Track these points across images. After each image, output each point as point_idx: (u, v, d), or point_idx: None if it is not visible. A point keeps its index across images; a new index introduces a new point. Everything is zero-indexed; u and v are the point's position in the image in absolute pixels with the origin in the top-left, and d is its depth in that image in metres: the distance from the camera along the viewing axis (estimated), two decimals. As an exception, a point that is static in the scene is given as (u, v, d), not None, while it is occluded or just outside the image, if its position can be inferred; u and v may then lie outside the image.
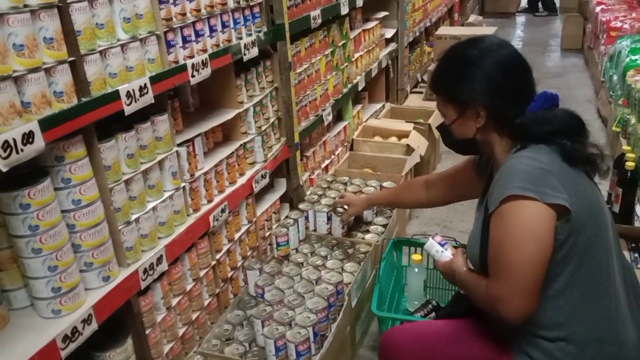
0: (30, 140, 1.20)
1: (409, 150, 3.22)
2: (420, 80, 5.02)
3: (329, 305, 1.96)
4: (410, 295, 2.52)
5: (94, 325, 1.45)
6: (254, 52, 2.13)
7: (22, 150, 1.18)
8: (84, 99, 1.36)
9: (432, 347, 1.57)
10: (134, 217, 1.61)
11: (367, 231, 2.57)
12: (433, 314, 2.35)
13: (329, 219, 2.55)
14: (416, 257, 2.47)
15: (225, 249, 2.11)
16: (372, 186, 2.74)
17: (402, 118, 3.75)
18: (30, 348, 1.29)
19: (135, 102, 1.51)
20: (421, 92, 4.74)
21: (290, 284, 2.05)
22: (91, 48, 1.39)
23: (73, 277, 1.41)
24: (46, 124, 1.24)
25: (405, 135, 3.40)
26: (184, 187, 1.83)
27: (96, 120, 1.41)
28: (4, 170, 1.15)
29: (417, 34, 4.64)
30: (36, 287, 1.37)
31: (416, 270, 2.49)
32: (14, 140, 1.16)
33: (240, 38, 2.05)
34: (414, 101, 4.48)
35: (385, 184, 2.76)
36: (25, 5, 1.20)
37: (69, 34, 1.31)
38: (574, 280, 1.36)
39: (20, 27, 1.18)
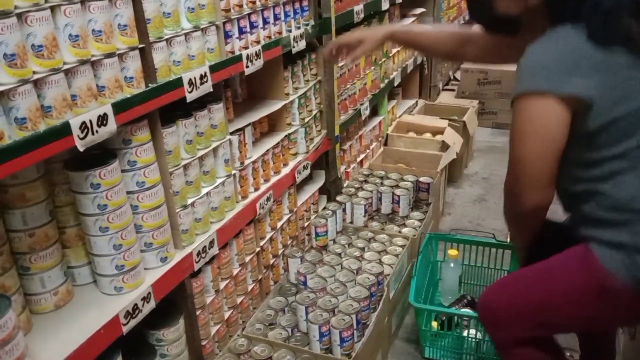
0: (105, 122, 1.26)
1: (444, 146, 3.23)
2: (452, 78, 5.02)
3: (371, 294, 2.00)
4: (445, 290, 2.55)
5: (152, 304, 1.50)
6: (302, 44, 2.17)
7: (97, 131, 1.24)
8: (151, 85, 1.42)
9: (527, 290, 1.49)
10: (190, 201, 1.67)
11: (404, 225, 2.60)
12: (469, 308, 2.38)
13: (366, 211, 2.58)
14: (452, 252, 2.50)
15: (268, 236, 2.15)
16: (408, 181, 2.77)
17: (436, 115, 3.76)
18: (95, 322, 1.35)
19: (197, 89, 1.56)
20: (453, 90, 4.74)
21: (331, 272, 2.10)
22: (159, 36, 1.44)
23: (135, 256, 1.47)
24: (118, 108, 1.30)
25: (439, 131, 3.41)
26: (234, 175, 1.88)
27: (161, 106, 1.47)
28: (81, 150, 1.21)
29: (451, 31, 4.62)
30: (101, 264, 1.43)
31: (452, 265, 2.52)
32: (90, 122, 1.22)
33: (290, 31, 2.09)
34: (447, 98, 4.48)
35: (421, 179, 2.78)
36: (104, -7, 1.25)
37: (140, 21, 1.36)
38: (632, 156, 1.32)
39: (99, 14, 1.23)
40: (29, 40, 1.09)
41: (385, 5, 2.98)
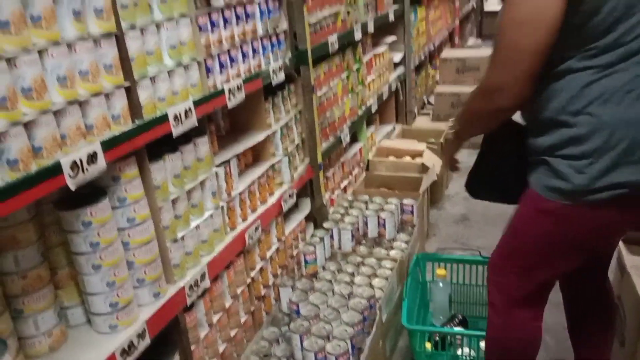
0: (94, 160, 1.28)
1: (424, 169, 3.29)
2: (426, 102, 5.14)
3: (364, 318, 2.01)
4: (436, 310, 2.56)
5: (147, 340, 1.49)
6: (281, 76, 2.22)
7: (87, 170, 1.25)
8: (137, 122, 1.44)
9: (507, 239, 1.61)
10: (180, 235, 1.67)
11: (391, 247, 2.63)
12: (460, 326, 2.40)
13: (353, 236, 2.61)
14: (441, 271, 2.53)
15: (258, 267, 2.16)
16: (392, 203, 2.81)
17: (414, 138, 3.84)
18: (91, 362, 1.33)
19: (182, 124, 1.59)
20: (428, 114, 4.85)
21: (323, 299, 2.10)
22: (143, 74, 1.47)
23: (128, 293, 1.47)
24: (107, 145, 1.32)
25: (418, 154, 3.48)
26: (222, 207, 1.90)
27: (148, 142, 1.49)
28: (73, 189, 1.22)
29: (422, 57, 4.77)
30: (95, 303, 1.42)
31: (441, 284, 2.54)
32: (80, 160, 1.24)
33: (269, 64, 2.15)
34: (423, 122, 4.59)
35: (405, 201, 2.82)
36: (89, 34, 1.28)
37: (125, 60, 1.40)
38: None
39: (85, 55, 1.26)
40: (18, 83, 1.11)
41: (358, 36, 3.07)
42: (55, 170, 1.18)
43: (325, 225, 2.63)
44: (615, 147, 1.27)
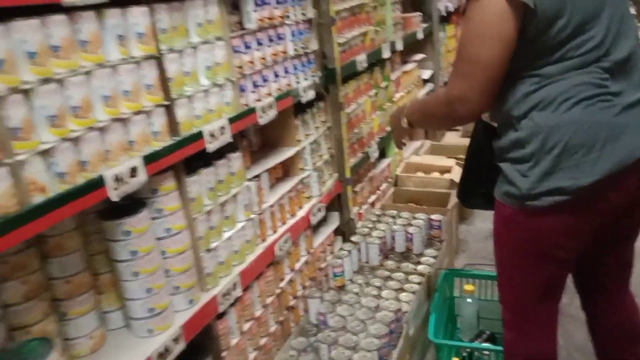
0: (135, 174, 1.37)
1: (452, 184, 3.31)
2: (456, 118, 5.14)
3: (390, 331, 2.04)
4: (464, 326, 2.56)
5: (182, 345, 1.57)
6: (311, 94, 2.30)
7: (128, 182, 1.35)
8: (175, 138, 1.54)
9: (496, 252, 1.63)
10: (213, 245, 1.75)
11: (419, 262, 2.65)
12: (488, 343, 2.40)
13: (381, 250, 2.64)
14: (469, 287, 2.54)
15: (287, 278, 2.22)
16: (420, 219, 2.84)
17: (442, 154, 3.87)
18: (129, 365, 1.42)
19: (217, 140, 1.68)
20: (458, 129, 4.86)
21: (351, 311, 2.14)
22: (180, 93, 1.57)
23: (165, 299, 1.55)
24: (147, 160, 1.41)
25: (447, 170, 3.51)
26: (254, 219, 1.98)
27: (185, 157, 1.58)
28: (115, 200, 1.32)
29: (452, 74, 4.80)
30: (134, 308, 1.51)
31: (469, 300, 2.55)
32: (123, 174, 1.33)
33: (299, 82, 2.23)
34: (452, 138, 4.60)
35: (433, 217, 2.85)
36: (131, 57, 1.39)
37: (164, 81, 1.50)
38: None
39: (128, 76, 1.37)
40: (67, 102, 1.22)
41: (386, 54, 3.14)
42: (99, 182, 1.27)
43: (353, 239, 2.68)
44: (551, 151, 1.33)
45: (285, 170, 2.36)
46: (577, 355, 2.22)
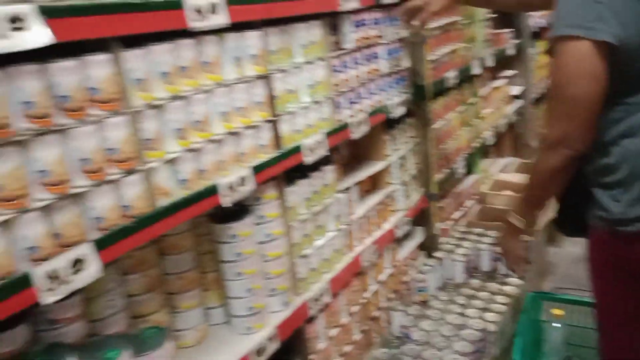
0: (244, 183, 1.50)
1: (541, 204, 3.23)
2: (545, 136, 4.99)
3: (475, 350, 2.04)
4: (550, 351, 2.49)
5: (276, 345, 1.67)
6: (401, 110, 2.37)
7: (238, 190, 1.48)
8: (279, 151, 1.66)
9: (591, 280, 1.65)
10: (306, 252, 1.86)
11: (505, 283, 2.62)
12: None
13: (466, 268, 2.64)
14: (557, 311, 2.47)
15: (371, 289, 2.28)
16: (507, 237, 2.79)
17: (531, 173, 3.77)
18: (230, 359, 1.53)
19: (314, 154, 1.79)
20: (547, 148, 4.71)
21: (435, 326, 2.17)
22: (285, 110, 1.69)
23: (263, 300, 1.66)
24: (255, 170, 1.54)
25: (536, 189, 3.42)
26: (343, 229, 2.06)
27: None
28: (228, 205, 1.45)
29: (543, 91, 4.68)
30: (235, 306, 1.63)
31: (556, 325, 2.48)
32: (234, 182, 1.46)
33: (390, 99, 2.30)
34: (541, 157, 4.47)
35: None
36: (245, 76, 1.53)
37: (271, 98, 1.62)
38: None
39: (242, 94, 1.50)
40: (191, 117, 1.36)
41: (476, 70, 3.14)
42: (214, 190, 1.41)
43: (437, 254, 2.69)
44: None
45: (373, 183, 2.43)
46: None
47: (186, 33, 1.32)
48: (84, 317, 1.30)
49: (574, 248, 3.57)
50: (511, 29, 3.90)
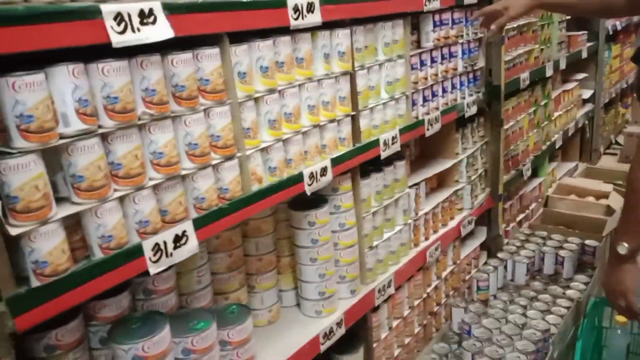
0: (325, 173, 1.57)
1: (609, 211, 3.16)
2: (614, 142, 4.84)
3: (537, 350, 2.05)
4: (610, 358, 2.46)
5: (343, 329, 1.75)
6: (474, 110, 2.38)
7: (319, 180, 1.55)
8: (357, 145, 1.72)
9: None
10: (375, 243, 1.92)
11: (568, 287, 2.59)
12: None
13: (528, 270, 2.63)
14: (620, 318, 2.42)
15: (434, 284, 2.32)
16: (573, 243, 2.77)
17: (598, 178, 3.68)
18: (300, 339, 1.62)
19: (389, 149, 1.84)
20: (615, 154, 4.56)
21: (496, 325, 2.19)
22: (365, 105, 1.75)
23: (333, 286, 1.74)
24: (335, 162, 1.61)
25: (604, 196, 3.34)
26: (410, 224, 2.11)
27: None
28: (309, 193, 1.52)
29: (613, 95, 4.53)
30: (307, 289, 1.72)
31: (619, 332, 2.44)
32: (316, 172, 1.54)
33: (464, 98, 2.32)
34: (608, 162, 4.33)
35: (587, 242, 2.77)
36: (332, 72, 1.59)
37: (354, 94, 1.69)
38: None
39: (328, 89, 1.57)
40: (283, 109, 1.44)
41: (549, 72, 3.10)
42: (299, 178, 1.49)
43: (500, 255, 2.69)
44: None
45: (440, 180, 2.46)
46: None
47: (282, 30, 1.40)
48: (176, 290, 1.41)
49: (640, 259, 3.46)
50: (586, 31, 3.80)
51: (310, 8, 1.39)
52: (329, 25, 1.55)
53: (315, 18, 1.43)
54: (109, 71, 1.04)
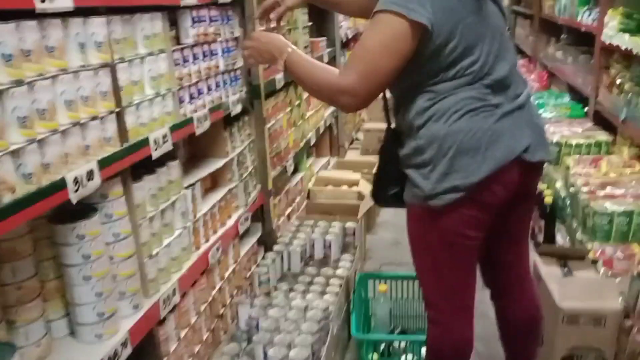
0: (91, 177, 1.40)
1: (360, 196, 3.57)
2: (354, 138, 5.50)
3: (320, 328, 2.18)
4: (378, 324, 2.78)
5: (129, 349, 1.59)
6: (238, 108, 2.42)
7: (86, 185, 1.38)
8: (125, 144, 1.58)
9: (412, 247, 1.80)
10: (155, 251, 1.79)
11: (337, 267, 2.83)
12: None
13: (302, 258, 2.79)
14: (382, 287, 2.77)
15: (218, 286, 2.29)
16: (336, 227, 3.03)
17: (348, 169, 4.13)
18: (81, 370, 1.42)
19: (160, 148, 1.74)
20: (357, 148, 5.19)
21: (282, 312, 2.26)
22: (130, 102, 1.62)
23: (113, 304, 1.56)
24: (102, 164, 1.45)
25: (355, 183, 3.76)
26: (189, 227, 2.03)
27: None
28: (74, 202, 1.34)
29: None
30: (83, 313, 1.51)
31: (382, 300, 2.78)
32: (81, 176, 1.36)
33: (228, 97, 2.34)
34: (353, 155, 4.91)
35: (347, 225, 3.07)
36: (90, 64, 1.43)
37: (116, 89, 1.54)
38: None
39: (86, 82, 1.40)
40: (34, 105, 1.23)
41: (300, 74, 3.34)
42: (61, 184, 1.29)
43: (276, 248, 2.80)
44: (446, 156, 1.58)
45: (214, 180, 2.43)
46: (478, 345, 2.51)
47: (29, 14, 1.19)
48: None
49: (387, 234, 4.00)
50: (325, 38, 4.23)
51: (57, -12, 1.21)
52: (84, 13, 1.39)
53: (66, 2, 1.26)
54: None
